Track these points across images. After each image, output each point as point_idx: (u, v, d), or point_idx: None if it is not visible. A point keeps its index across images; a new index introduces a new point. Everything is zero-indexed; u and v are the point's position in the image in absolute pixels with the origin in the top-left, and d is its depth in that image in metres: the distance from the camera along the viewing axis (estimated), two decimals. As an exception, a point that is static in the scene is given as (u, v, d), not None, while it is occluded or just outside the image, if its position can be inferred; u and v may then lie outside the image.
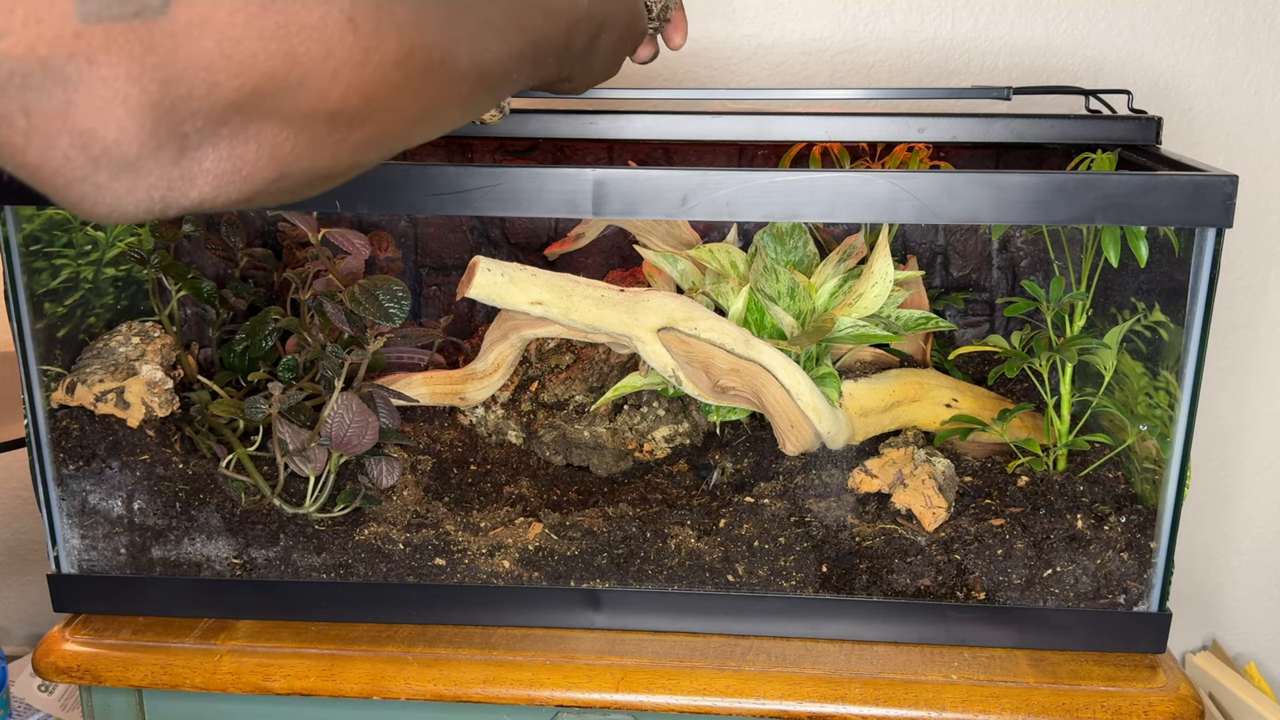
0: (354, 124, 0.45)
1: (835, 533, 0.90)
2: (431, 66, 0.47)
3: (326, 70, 0.42)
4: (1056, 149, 1.03)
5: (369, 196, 0.80)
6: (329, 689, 0.87)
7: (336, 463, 0.91)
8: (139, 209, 0.41)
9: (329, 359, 0.90)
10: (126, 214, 0.41)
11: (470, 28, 0.50)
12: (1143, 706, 0.83)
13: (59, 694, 1.40)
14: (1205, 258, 0.80)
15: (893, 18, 1.23)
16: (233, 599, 0.92)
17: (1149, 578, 0.87)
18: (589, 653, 0.88)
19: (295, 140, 0.43)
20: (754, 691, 0.85)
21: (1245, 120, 1.23)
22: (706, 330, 0.89)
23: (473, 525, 0.93)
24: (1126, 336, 0.90)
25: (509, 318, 0.95)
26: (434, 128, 0.52)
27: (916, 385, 0.96)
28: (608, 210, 0.79)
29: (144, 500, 0.91)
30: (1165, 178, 0.77)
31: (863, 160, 1.04)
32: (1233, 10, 1.20)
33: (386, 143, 0.48)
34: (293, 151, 0.43)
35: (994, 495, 0.92)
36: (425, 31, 0.46)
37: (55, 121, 0.37)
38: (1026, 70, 1.23)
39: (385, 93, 0.45)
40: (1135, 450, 0.91)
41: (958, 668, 0.87)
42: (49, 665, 0.89)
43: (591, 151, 1.13)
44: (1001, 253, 1.13)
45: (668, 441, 1.01)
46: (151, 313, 1.01)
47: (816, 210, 0.78)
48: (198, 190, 0.41)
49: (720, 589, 0.90)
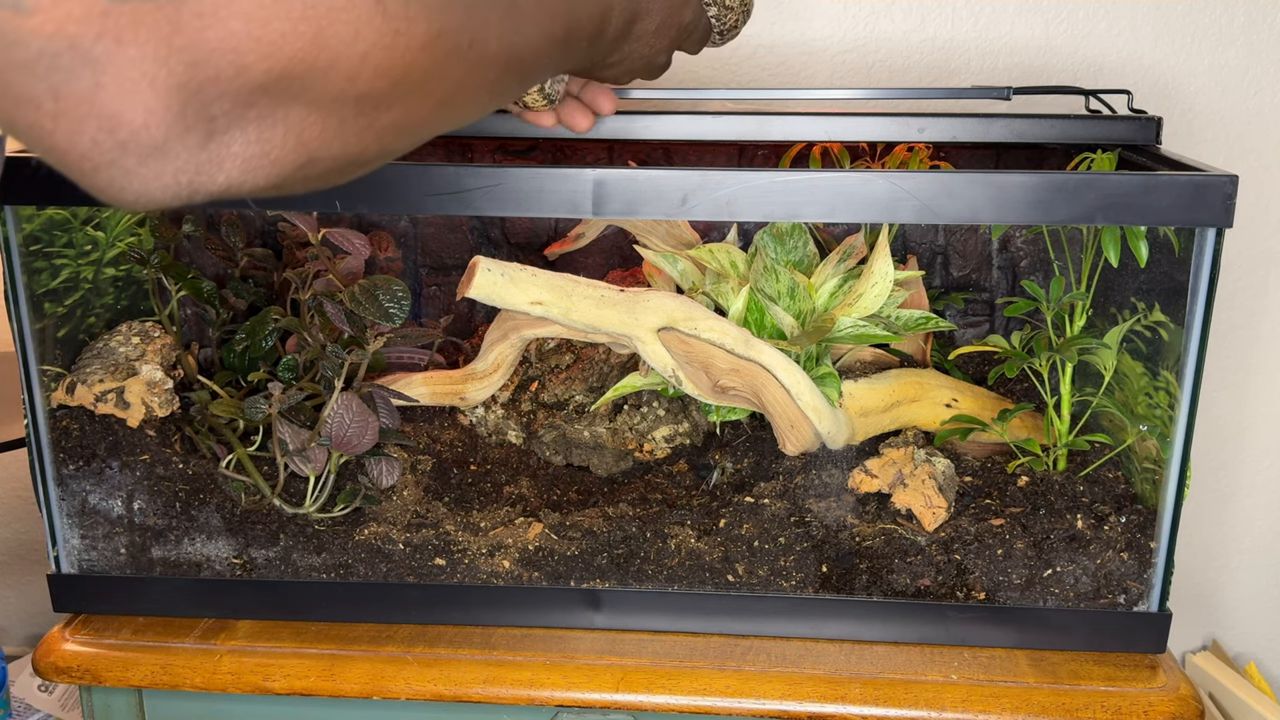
0: (381, 107, 0.44)
1: (835, 533, 0.90)
2: (459, 50, 0.47)
3: (355, 53, 0.42)
4: (1056, 149, 1.03)
5: (369, 196, 0.80)
6: (329, 689, 0.87)
7: (336, 463, 0.91)
8: (166, 194, 0.40)
9: (329, 359, 0.90)
10: (154, 199, 0.41)
11: (499, 12, 0.50)
12: (1143, 706, 0.83)
13: (59, 694, 1.40)
14: (1205, 258, 0.80)
15: (893, 18, 1.23)
16: (233, 599, 0.92)
17: (1149, 578, 0.87)
18: (589, 653, 0.88)
19: (323, 124, 0.43)
20: (754, 691, 0.85)
21: (1245, 120, 1.23)
22: (706, 330, 0.89)
23: (473, 525, 0.93)
24: (1126, 336, 0.90)
25: (509, 318, 0.95)
26: (461, 113, 0.51)
27: (916, 385, 0.96)
28: (608, 210, 0.79)
29: (144, 500, 0.91)
30: (1165, 178, 0.77)
31: (863, 160, 1.04)
32: (1233, 10, 1.20)
33: (413, 128, 0.48)
34: (320, 135, 0.43)
35: (994, 495, 0.92)
36: (453, 15, 0.46)
37: (83, 105, 0.37)
38: (1026, 70, 1.23)
39: (413, 76, 0.45)
40: (1135, 450, 0.91)
41: (958, 668, 0.87)
42: (49, 665, 0.89)
43: (591, 151, 1.13)
44: (1001, 253, 1.13)
45: (668, 441, 1.01)
46: (151, 313, 1.01)
47: (816, 210, 0.78)
48: (225, 175, 0.41)
49: (720, 589, 0.90)
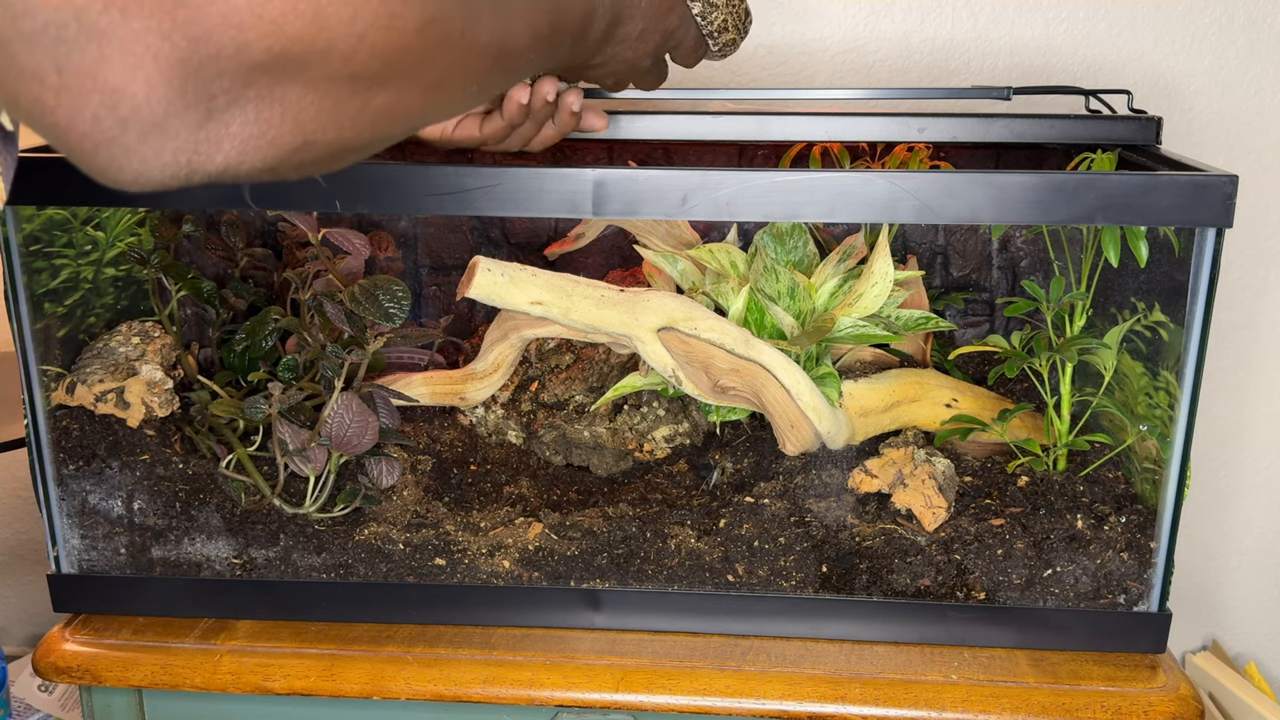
0: (375, 88, 0.45)
1: (835, 533, 0.90)
2: (451, 37, 0.48)
3: (352, 33, 0.43)
4: (1056, 149, 1.03)
5: (369, 196, 0.80)
6: (329, 689, 0.87)
7: (336, 463, 0.91)
8: (165, 173, 0.41)
9: (329, 359, 0.90)
10: (152, 179, 0.41)
11: (489, 4, 0.52)
12: (1143, 706, 0.83)
13: (59, 694, 1.40)
14: (1205, 258, 0.80)
15: (893, 18, 1.23)
16: (233, 599, 0.92)
17: (1149, 578, 0.87)
18: (589, 653, 0.88)
19: (319, 105, 0.44)
20: (754, 691, 0.85)
21: (1245, 120, 1.23)
22: (706, 330, 0.89)
23: (473, 525, 0.93)
24: (1126, 336, 0.90)
25: (509, 318, 0.95)
26: (451, 101, 0.52)
27: (916, 385, 0.96)
28: (608, 210, 0.79)
29: (144, 500, 0.91)
30: (1165, 178, 0.77)
31: (863, 160, 1.04)
32: (1233, 10, 1.20)
33: (406, 114, 0.49)
34: (317, 117, 0.44)
35: (994, 495, 0.92)
36: (446, 2, 0.47)
37: (87, 79, 0.38)
38: (1026, 70, 1.23)
39: (406, 59, 0.46)
40: (1135, 450, 0.91)
41: (958, 668, 0.87)
42: (49, 665, 0.89)
43: (591, 151, 1.13)
44: (1001, 253, 1.13)
45: (668, 441, 1.01)
46: (151, 313, 1.01)
47: (816, 210, 0.78)
48: (223, 155, 0.42)
49: (720, 589, 0.90)
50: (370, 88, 0.45)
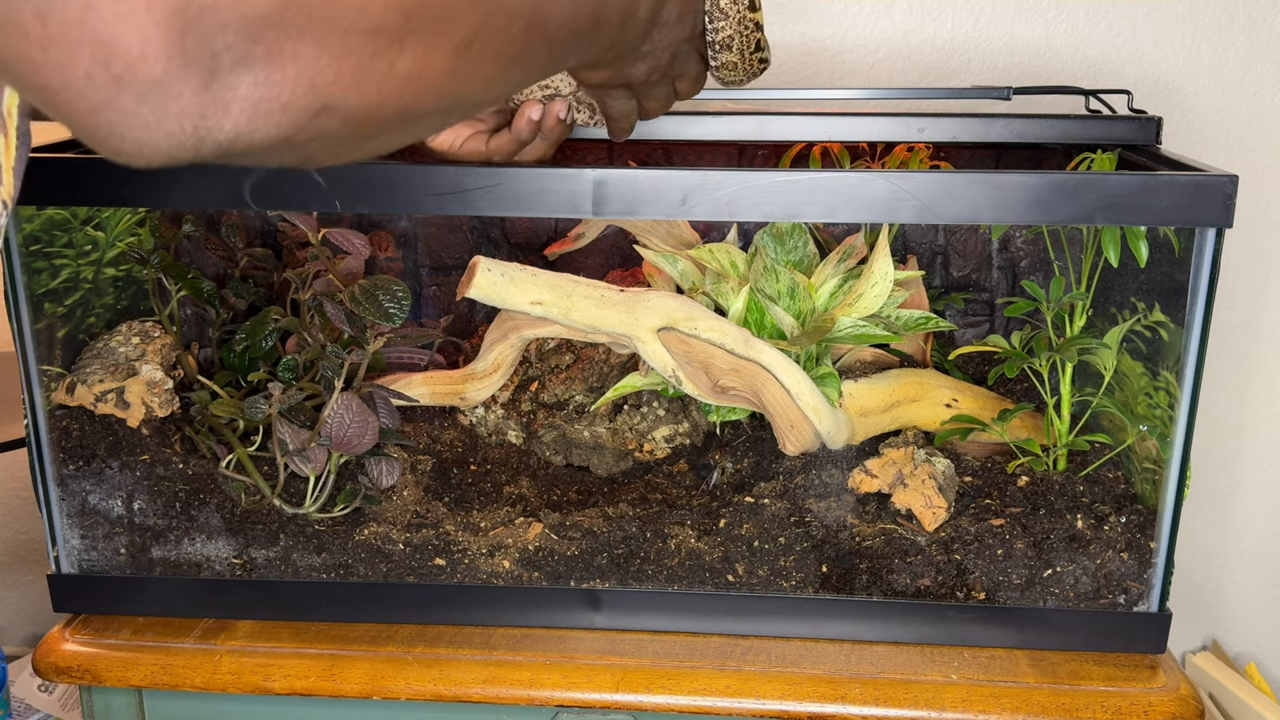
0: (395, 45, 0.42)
1: (835, 533, 0.90)
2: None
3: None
4: (1056, 149, 1.03)
5: (369, 196, 0.80)
6: (329, 689, 0.87)
7: (336, 463, 0.91)
8: (171, 142, 0.38)
9: (329, 359, 0.90)
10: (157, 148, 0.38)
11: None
12: (1143, 706, 0.83)
13: (59, 694, 1.40)
14: (1205, 258, 0.80)
15: (893, 18, 1.23)
16: (233, 599, 0.92)
17: (1149, 578, 0.87)
18: (589, 653, 0.88)
19: (339, 67, 0.40)
20: (754, 691, 0.85)
21: (1245, 120, 1.23)
22: (706, 330, 0.89)
23: (473, 525, 0.93)
24: (1126, 336, 0.90)
25: (509, 318, 0.95)
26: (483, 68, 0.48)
27: (916, 385, 0.96)
28: (608, 210, 0.79)
29: (144, 500, 0.91)
30: (1165, 178, 0.77)
31: (863, 160, 1.04)
32: (1233, 10, 1.20)
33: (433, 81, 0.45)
34: (336, 80, 0.41)
35: (994, 495, 0.92)
36: None
37: (74, 30, 0.35)
38: (1026, 70, 1.23)
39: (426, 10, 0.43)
40: (1135, 450, 0.91)
41: (958, 668, 0.87)
42: (49, 665, 0.89)
43: (591, 151, 1.13)
44: (1001, 253, 1.13)
45: (668, 441, 1.01)
46: (151, 313, 1.01)
47: (816, 210, 0.78)
48: (232, 121, 0.39)
49: (720, 589, 0.90)
50: (391, 46, 0.42)
